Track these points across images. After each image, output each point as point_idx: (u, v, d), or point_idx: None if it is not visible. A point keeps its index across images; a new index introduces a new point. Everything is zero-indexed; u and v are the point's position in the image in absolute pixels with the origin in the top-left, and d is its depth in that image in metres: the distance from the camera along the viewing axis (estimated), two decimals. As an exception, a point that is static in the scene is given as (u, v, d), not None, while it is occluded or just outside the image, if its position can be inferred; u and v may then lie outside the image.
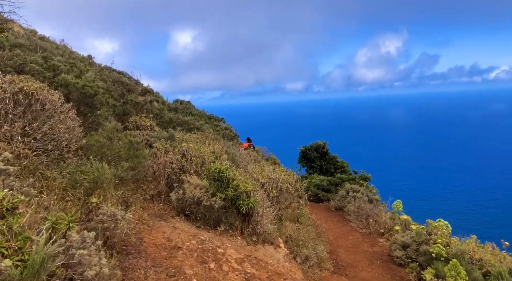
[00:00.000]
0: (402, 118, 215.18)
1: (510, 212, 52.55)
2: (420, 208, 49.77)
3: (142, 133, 9.52)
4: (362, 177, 16.62)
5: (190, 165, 7.88)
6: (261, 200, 8.09)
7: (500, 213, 52.39)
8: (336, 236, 11.28)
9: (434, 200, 58.99)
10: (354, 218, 12.46)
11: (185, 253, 5.76)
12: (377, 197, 14.27)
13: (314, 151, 19.32)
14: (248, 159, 10.77)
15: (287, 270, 6.86)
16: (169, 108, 14.84)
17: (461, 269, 6.13)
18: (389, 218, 11.82)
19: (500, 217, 50.55)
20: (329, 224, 12.47)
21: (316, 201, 15.41)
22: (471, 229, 40.82)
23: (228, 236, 7.34)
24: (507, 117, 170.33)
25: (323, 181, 15.65)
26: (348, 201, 13.43)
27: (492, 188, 65.20)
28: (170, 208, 7.46)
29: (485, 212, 52.90)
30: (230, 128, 17.02)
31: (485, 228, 43.89)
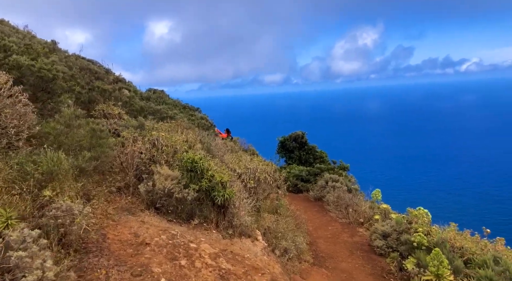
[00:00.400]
0: (379, 110, 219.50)
1: (480, 200, 54.50)
2: (396, 197, 50.80)
3: (110, 122, 8.88)
4: (341, 166, 16.49)
5: (161, 154, 7.35)
6: (238, 191, 7.68)
7: (471, 201, 54.19)
8: (316, 227, 11.05)
9: (409, 189, 60.46)
10: (333, 208, 12.26)
11: (154, 249, 5.28)
12: (356, 187, 14.15)
13: (293, 141, 19.02)
14: (224, 149, 10.31)
15: (265, 264, 6.50)
16: (141, 97, 14.11)
17: (443, 258, 5.95)
18: (368, 207, 11.69)
19: (471, 205, 52.31)
20: (309, 214, 12.23)
21: (295, 191, 15.17)
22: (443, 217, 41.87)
23: (203, 230, 6.90)
24: (477, 108, 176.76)
25: (302, 171, 15.39)
26: (327, 191, 13.22)
27: (464, 176, 67.32)
28: (139, 201, 6.93)
29: (456, 200, 54.61)
30: (206, 118, 16.46)
31: (457, 215, 45.31)
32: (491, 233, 7.96)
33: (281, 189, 9.69)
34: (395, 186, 60.25)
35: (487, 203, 53.12)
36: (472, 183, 62.89)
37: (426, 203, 51.57)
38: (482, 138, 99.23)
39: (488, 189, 59.37)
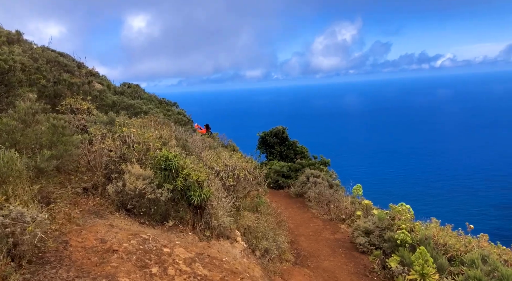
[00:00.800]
0: (357, 105, 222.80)
1: (454, 191, 55.96)
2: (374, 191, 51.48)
3: (77, 118, 8.26)
4: (321, 162, 16.31)
5: (132, 152, 6.84)
6: (216, 189, 7.27)
7: (445, 193, 55.55)
8: (297, 224, 10.78)
9: (386, 183, 61.41)
10: (314, 204, 12.03)
11: (122, 256, 4.82)
12: (337, 182, 13.98)
13: (274, 137, 18.70)
14: (202, 146, 9.86)
15: (244, 267, 6.14)
16: (115, 91, 13.41)
17: (428, 256, 5.77)
18: (350, 203, 11.52)
19: (445, 197, 53.66)
20: (290, 211, 11.96)
21: (276, 187, 14.88)
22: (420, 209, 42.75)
23: (178, 232, 6.47)
24: (451, 103, 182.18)
25: (283, 167, 15.11)
26: (308, 187, 12.98)
27: (438, 169, 68.93)
28: (109, 202, 6.42)
29: (432, 192, 55.87)
30: (183, 113, 15.89)
31: (432, 208, 46.43)
32: (464, 225, 7.88)
33: (262, 186, 9.34)
34: (372, 180, 61.09)
35: (460, 194, 54.22)
36: (446, 176, 64.41)
37: (403, 196, 52.46)
38: (456, 132, 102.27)
39: (462, 181, 60.91)
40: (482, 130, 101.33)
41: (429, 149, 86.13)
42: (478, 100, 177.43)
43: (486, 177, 61.93)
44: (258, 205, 9.33)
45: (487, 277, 4.78)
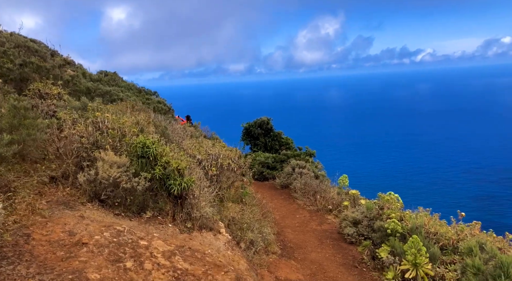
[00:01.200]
0: (340, 99, 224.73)
1: (433, 184, 56.92)
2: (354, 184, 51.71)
3: (47, 103, 7.63)
4: (307, 153, 16.03)
5: (106, 138, 6.30)
6: (198, 179, 6.83)
7: (424, 186, 56.37)
8: (283, 215, 10.46)
9: (367, 176, 61.96)
10: (300, 195, 11.74)
11: (92, 250, 4.34)
12: (323, 173, 13.74)
13: (258, 128, 18.29)
14: (183, 134, 9.36)
15: (229, 260, 5.74)
16: (90, 79, 12.69)
17: (421, 245, 5.52)
18: (336, 194, 11.28)
19: (424, 190, 54.53)
20: (275, 202, 11.63)
21: (261, 179, 14.52)
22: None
23: (156, 224, 6.00)
24: (431, 97, 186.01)
25: (268, 158, 14.75)
26: (294, 178, 12.67)
27: (418, 161, 69.93)
28: (80, 192, 5.89)
29: (412, 185, 56.67)
30: (164, 102, 15.26)
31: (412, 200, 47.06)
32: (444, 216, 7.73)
33: (247, 176, 8.94)
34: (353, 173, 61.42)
35: (439, 187, 54.79)
36: (426, 168, 65.30)
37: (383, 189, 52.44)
38: (435, 126, 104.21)
39: (441, 173, 61.78)
40: (460, 124, 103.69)
41: (410, 142, 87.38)
42: (457, 95, 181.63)
43: (464, 170, 62.95)
44: (242, 195, 8.94)
45: (485, 266, 4.57)
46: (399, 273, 6.11)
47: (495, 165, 63.31)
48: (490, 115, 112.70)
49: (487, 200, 47.93)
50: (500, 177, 57.40)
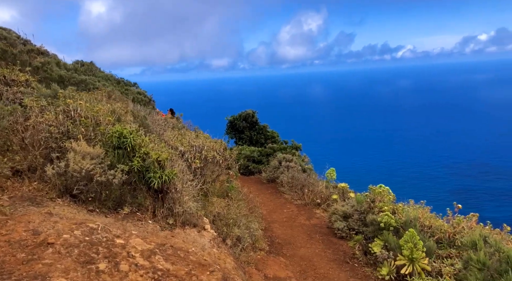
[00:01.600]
0: (323, 95, 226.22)
1: (414, 179, 57.72)
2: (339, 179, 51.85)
3: (12, 90, 6.97)
4: (293, 146, 15.70)
5: (78, 128, 5.74)
6: (180, 171, 6.34)
7: (404, 181, 57.05)
8: (270, 210, 10.08)
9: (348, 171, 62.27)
10: (288, 189, 11.39)
11: (59, 251, 3.82)
12: (310, 166, 13.43)
13: (243, 121, 17.81)
14: (164, 125, 8.82)
15: (214, 258, 5.31)
16: (65, 69, 11.92)
17: (418, 239, 5.24)
18: (324, 187, 10.97)
19: (404, 185, 55.25)
20: (262, 197, 11.24)
21: (247, 173, 14.10)
22: None
23: (135, 221, 5.50)
24: (411, 92, 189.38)
25: (254, 151, 14.33)
26: (281, 172, 12.30)
27: (398, 157, 70.73)
28: (49, 187, 5.33)
29: (392, 180, 57.25)
30: (144, 93, 14.59)
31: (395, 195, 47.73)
32: None
33: (233, 169, 8.51)
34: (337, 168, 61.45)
35: (419, 181, 55.70)
36: (407, 163, 66.05)
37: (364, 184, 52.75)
38: (415, 121, 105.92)
39: (421, 168, 62.56)
40: (439, 120, 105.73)
41: (391, 137, 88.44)
42: (436, 91, 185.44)
43: (443, 164, 63.90)
44: (228, 190, 8.50)
45: (490, 260, 4.30)
46: (393, 269, 5.83)
47: (472, 160, 64.69)
48: (468, 111, 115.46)
49: (465, 193, 48.76)
50: (478, 171, 58.77)
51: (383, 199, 7.77)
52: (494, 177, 55.30)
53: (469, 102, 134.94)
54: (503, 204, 43.90)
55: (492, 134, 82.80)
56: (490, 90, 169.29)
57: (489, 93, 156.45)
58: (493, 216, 39.44)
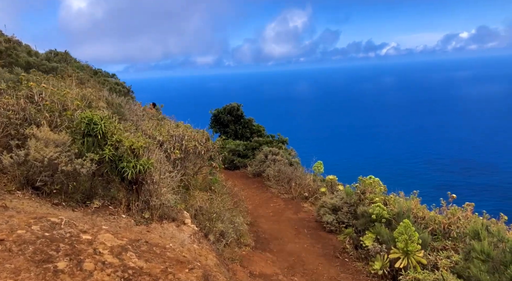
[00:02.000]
0: (308, 92, 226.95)
1: (397, 175, 58.12)
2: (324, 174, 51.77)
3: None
4: (279, 140, 15.30)
5: (42, 112, 5.16)
6: (157, 161, 5.83)
7: (388, 177, 57.44)
8: (256, 205, 9.66)
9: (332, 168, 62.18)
10: (274, 183, 10.98)
11: (10, 248, 3.30)
12: (297, 160, 13.06)
13: (228, 114, 17.28)
14: (141, 114, 8.27)
15: (194, 254, 4.84)
16: (36, 57, 11.16)
17: (413, 231, 4.90)
18: (312, 181, 10.61)
19: (388, 181, 55.52)
20: (247, 192, 10.81)
21: (232, 168, 13.63)
22: None
23: (107, 215, 4.99)
24: (394, 90, 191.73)
25: (239, 145, 13.85)
26: (267, 165, 11.89)
27: (382, 154, 71.16)
28: (8, 178, 4.76)
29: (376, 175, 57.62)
30: (122, 84, 13.92)
31: None
32: None
33: (216, 160, 8.02)
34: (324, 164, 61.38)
35: (403, 178, 55.82)
36: (390, 160, 66.45)
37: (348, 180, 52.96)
38: (399, 117, 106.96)
39: (404, 164, 62.97)
40: (421, 116, 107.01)
41: (374, 132, 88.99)
42: (418, 88, 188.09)
43: (426, 160, 64.55)
44: (211, 183, 8.02)
45: (494, 251, 3.98)
46: (387, 263, 5.49)
47: (454, 156, 65.56)
48: (450, 108, 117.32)
49: (448, 189, 49.70)
50: (460, 167, 59.62)
51: (373, 190, 7.44)
52: (476, 172, 55.70)
53: (451, 99, 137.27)
54: (484, 199, 44.72)
55: (473, 130, 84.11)
56: (470, 88, 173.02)
57: (470, 90, 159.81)
58: (476, 212, 40.40)
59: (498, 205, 40.60)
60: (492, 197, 44.86)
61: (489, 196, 44.83)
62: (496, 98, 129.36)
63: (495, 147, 68.10)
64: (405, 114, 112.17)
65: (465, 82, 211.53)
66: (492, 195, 45.63)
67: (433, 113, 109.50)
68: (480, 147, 70.13)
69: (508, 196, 44.60)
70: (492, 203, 42.15)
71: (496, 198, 44.05)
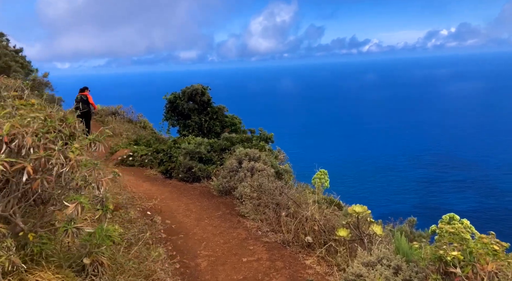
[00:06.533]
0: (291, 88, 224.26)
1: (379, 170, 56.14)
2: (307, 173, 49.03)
3: None
4: (261, 137, 10.81)
5: None
6: None
7: (371, 170, 55.79)
8: (216, 258, 5.13)
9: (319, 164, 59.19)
10: (251, 210, 6.49)
11: None
12: (287, 167, 8.60)
13: (189, 100, 12.43)
14: None
15: None
16: None
17: None
18: (314, 205, 6.13)
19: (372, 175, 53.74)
20: (205, 224, 6.30)
21: (189, 179, 9.00)
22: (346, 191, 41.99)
23: None
24: (376, 86, 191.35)
25: (201, 144, 9.17)
26: (241, 178, 7.41)
27: (364, 150, 69.66)
28: None
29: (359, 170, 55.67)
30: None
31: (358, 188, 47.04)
32: None
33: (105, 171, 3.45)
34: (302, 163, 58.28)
35: (385, 173, 54.85)
36: (372, 156, 65.19)
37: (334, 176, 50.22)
38: (379, 115, 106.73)
39: (385, 160, 61.40)
40: (403, 112, 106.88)
41: (357, 129, 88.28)
42: (400, 85, 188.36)
43: (408, 156, 63.52)
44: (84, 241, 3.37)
45: None
46: None
47: (435, 151, 65.06)
48: (430, 104, 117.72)
49: (429, 184, 48.94)
50: (441, 162, 58.77)
51: (459, 245, 3.15)
52: (456, 167, 55.60)
53: (431, 95, 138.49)
54: (467, 196, 43.98)
55: (453, 126, 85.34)
56: (450, 85, 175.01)
57: (449, 88, 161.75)
58: (459, 209, 38.18)
59: (478, 199, 42.50)
60: (472, 191, 45.03)
61: (471, 193, 44.76)
62: (475, 95, 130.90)
63: (475, 143, 68.51)
64: (387, 111, 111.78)
65: (445, 79, 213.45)
66: (472, 189, 45.68)
67: (414, 110, 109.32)
68: (460, 142, 69.93)
69: (487, 191, 44.66)
70: (473, 198, 43.06)
71: (476, 193, 44.38)
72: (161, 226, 6.02)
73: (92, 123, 18.62)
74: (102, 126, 11.34)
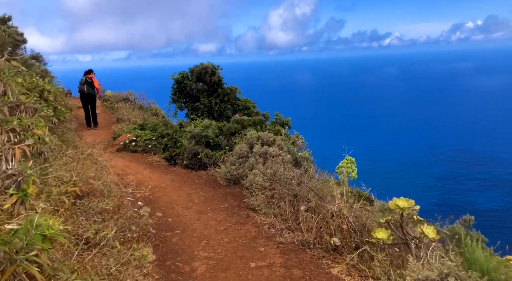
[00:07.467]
0: (310, 83, 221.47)
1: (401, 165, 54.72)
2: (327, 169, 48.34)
3: None
4: (277, 121, 9.63)
5: None
6: None
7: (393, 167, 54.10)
8: (218, 261, 4.07)
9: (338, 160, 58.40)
10: (263, 203, 5.39)
11: None
12: (306, 154, 7.44)
13: (198, 81, 11.29)
14: None
15: None
16: None
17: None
18: (342, 198, 4.95)
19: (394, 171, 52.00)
20: (209, 218, 5.25)
21: (195, 167, 7.95)
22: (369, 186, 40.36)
23: None
24: (397, 81, 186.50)
25: (208, 127, 8.05)
26: (251, 165, 6.31)
27: (385, 145, 68.32)
28: None
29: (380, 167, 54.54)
30: None
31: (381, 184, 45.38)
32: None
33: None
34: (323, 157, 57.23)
35: (406, 168, 53.45)
36: (394, 151, 63.63)
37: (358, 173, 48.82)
38: (401, 109, 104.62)
39: (408, 156, 59.53)
40: (424, 107, 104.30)
41: (377, 123, 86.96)
42: (421, 79, 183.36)
43: (430, 151, 61.44)
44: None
45: None
46: None
47: (459, 147, 62.68)
48: (453, 99, 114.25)
49: (452, 181, 47.35)
50: (463, 158, 56.56)
51: None
52: (479, 164, 53.30)
53: (454, 90, 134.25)
54: (494, 194, 41.73)
55: (477, 122, 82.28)
56: (474, 79, 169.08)
57: (473, 82, 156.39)
58: (484, 208, 36.26)
59: (503, 198, 40.43)
60: (495, 189, 42.96)
61: (493, 188, 42.89)
62: (500, 90, 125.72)
63: (499, 139, 65.49)
64: (407, 105, 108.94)
65: (469, 73, 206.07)
66: (496, 187, 43.54)
67: (435, 104, 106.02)
68: (483, 138, 67.08)
69: (511, 189, 42.78)
70: (498, 196, 40.80)
71: (500, 191, 42.41)
72: (154, 219, 4.99)
73: (102, 110, 17.91)
74: (111, 113, 10.25)
